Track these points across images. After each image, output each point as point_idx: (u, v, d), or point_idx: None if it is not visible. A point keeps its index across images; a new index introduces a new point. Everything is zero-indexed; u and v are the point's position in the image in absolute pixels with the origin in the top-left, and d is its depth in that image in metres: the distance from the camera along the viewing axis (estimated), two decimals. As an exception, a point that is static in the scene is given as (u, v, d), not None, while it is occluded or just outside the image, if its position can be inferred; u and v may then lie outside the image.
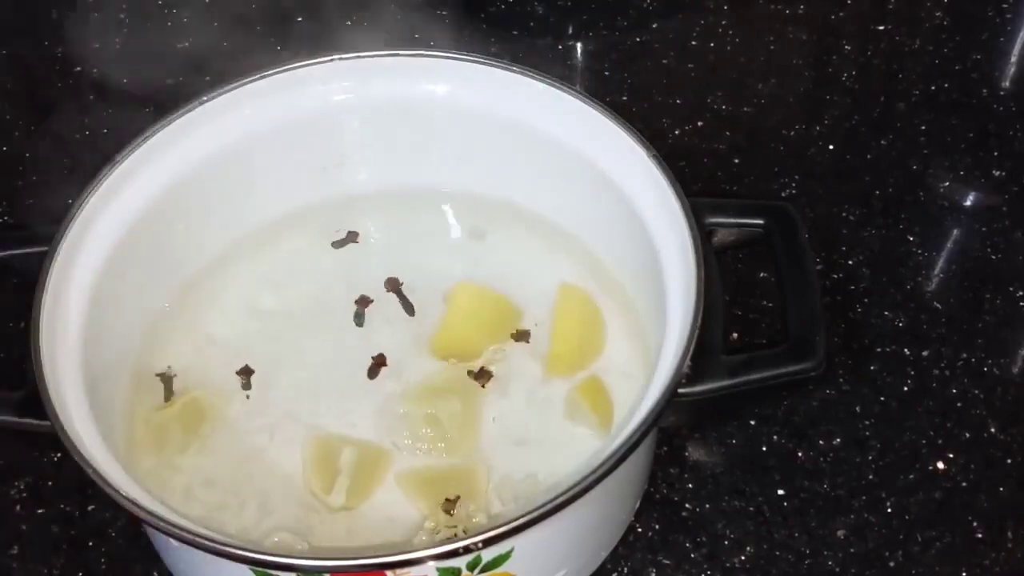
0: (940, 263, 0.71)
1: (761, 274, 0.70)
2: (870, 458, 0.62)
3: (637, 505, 0.59)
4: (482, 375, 0.59)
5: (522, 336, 0.61)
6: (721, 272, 0.54)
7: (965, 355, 0.66)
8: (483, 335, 0.61)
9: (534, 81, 0.59)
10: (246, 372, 0.60)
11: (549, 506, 0.44)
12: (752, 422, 0.63)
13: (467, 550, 0.44)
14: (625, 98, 0.81)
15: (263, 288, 0.64)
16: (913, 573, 0.58)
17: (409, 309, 0.62)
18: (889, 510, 0.60)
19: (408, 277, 0.64)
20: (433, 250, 0.65)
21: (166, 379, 0.60)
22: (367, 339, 0.62)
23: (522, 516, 0.44)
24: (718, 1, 0.87)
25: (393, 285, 0.63)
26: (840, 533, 0.59)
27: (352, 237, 0.66)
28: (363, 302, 0.63)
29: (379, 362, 0.60)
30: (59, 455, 0.62)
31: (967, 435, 0.63)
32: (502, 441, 0.58)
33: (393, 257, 0.65)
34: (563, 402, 0.59)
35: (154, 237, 0.59)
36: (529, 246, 0.65)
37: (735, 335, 0.67)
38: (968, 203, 0.75)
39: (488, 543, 0.44)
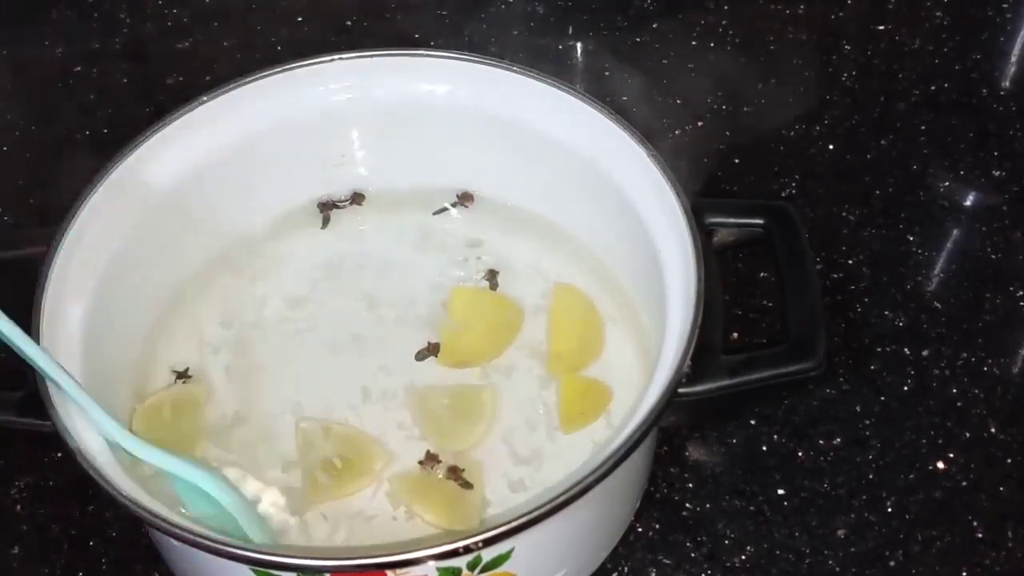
0: (940, 263, 0.71)
1: (761, 274, 0.70)
2: (870, 458, 0.62)
3: (637, 505, 0.59)
4: (454, 473, 0.56)
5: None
6: (721, 272, 0.54)
7: (965, 355, 0.66)
8: (487, 338, 0.61)
9: (534, 81, 0.59)
10: (245, 370, 0.60)
11: (549, 506, 0.44)
12: (752, 422, 0.63)
13: (467, 550, 0.44)
14: (625, 98, 0.81)
15: (264, 288, 0.64)
16: (913, 573, 0.58)
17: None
18: (889, 510, 0.60)
19: (408, 277, 0.64)
20: (433, 250, 0.65)
21: (184, 378, 0.60)
22: (369, 340, 0.62)
23: (522, 516, 0.44)
24: (718, 1, 0.87)
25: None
26: (840, 533, 0.59)
27: (357, 199, 0.66)
28: (364, 300, 0.63)
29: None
30: (59, 455, 0.62)
31: (967, 435, 0.63)
32: (500, 446, 0.58)
33: (393, 257, 0.65)
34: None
35: (154, 237, 0.59)
36: (529, 246, 0.65)
37: (735, 335, 0.67)
38: (968, 203, 0.75)
39: (488, 543, 0.44)
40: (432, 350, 0.60)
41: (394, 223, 0.66)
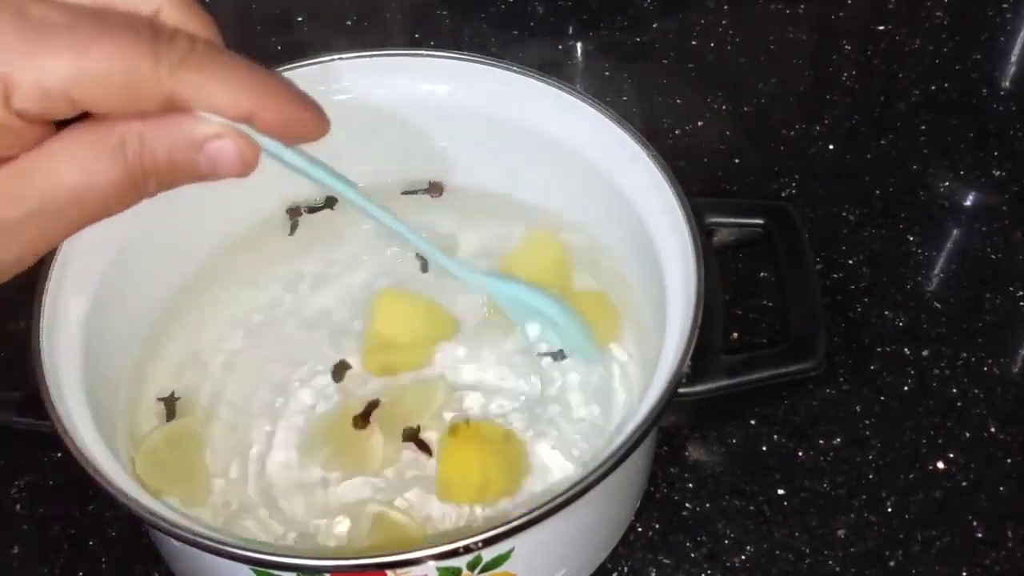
0: (940, 263, 0.71)
1: (761, 274, 0.70)
2: (870, 458, 0.62)
3: (637, 505, 0.59)
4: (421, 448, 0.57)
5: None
6: (721, 272, 0.54)
7: (965, 355, 0.66)
8: (411, 344, 0.60)
9: (534, 81, 0.59)
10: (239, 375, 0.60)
11: (549, 506, 0.44)
12: (752, 422, 0.63)
13: (467, 550, 0.44)
14: (625, 98, 0.81)
15: (262, 289, 0.64)
16: (913, 573, 0.58)
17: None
18: (889, 510, 0.60)
19: (406, 278, 0.64)
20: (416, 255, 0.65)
21: (169, 402, 0.58)
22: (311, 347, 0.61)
23: (522, 516, 0.44)
24: (718, 1, 0.87)
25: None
26: (840, 533, 0.59)
27: (330, 203, 0.65)
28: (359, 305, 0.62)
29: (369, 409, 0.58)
30: (59, 455, 0.62)
31: (967, 435, 0.63)
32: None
33: (393, 259, 0.65)
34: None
35: (154, 236, 0.59)
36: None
37: (735, 335, 0.67)
38: (968, 203, 0.75)
39: (488, 543, 0.44)
40: (341, 370, 0.59)
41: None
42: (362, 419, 0.57)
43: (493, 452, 0.55)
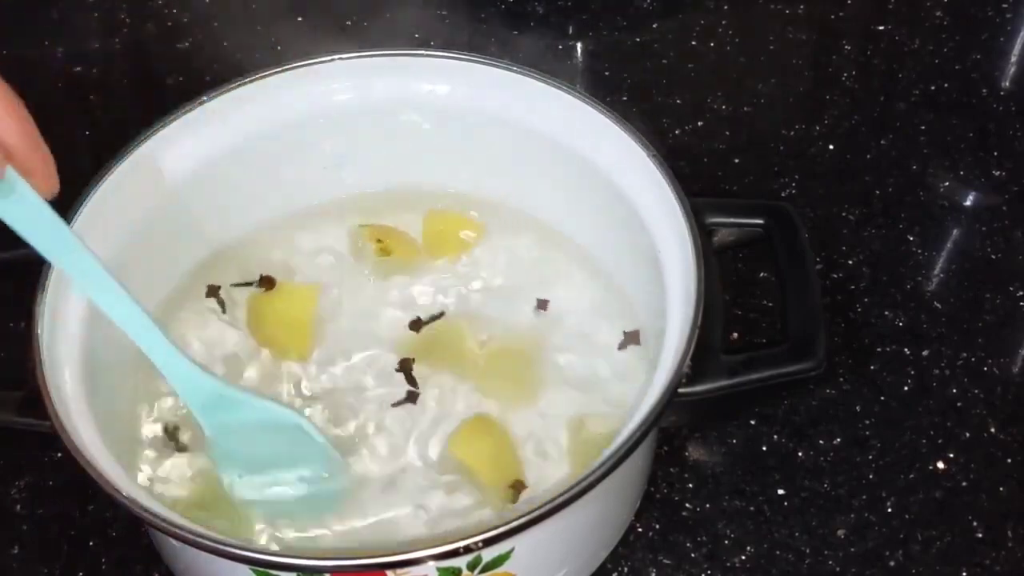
0: (940, 263, 0.71)
1: (761, 274, 0.70)
2: (870, 458, 0.62)
3: (637, 505, 0.59)
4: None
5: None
6: (721, 272, 0.54)
7: (965, 355, 0.66)
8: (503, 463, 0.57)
9: (534, 81, 0.59)
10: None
11: (549, 506, 0.44)
12: (752, 422, 0.63)
13: (467, 550, 0.44)
14: (625, 98, 0.81)
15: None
16: (913, 573, 0.58)
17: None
18: (889, 510, 0.60)
19: (407, 279, 0.64)
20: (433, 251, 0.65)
21: (171, 433, 0.58)
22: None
23: (522, 516, 0.44)
24: (718, 1, 0.87)
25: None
26: (840, 533, 0.59)
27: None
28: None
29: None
30: (59, 455, 0.62)
31: (967, 435, 0.63)
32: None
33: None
34: None
35: (154, 237, 0.59)
36: (527, 246, 0.65)
37: (735, 335, 0.67)
38: (968, 203, 0.75)
39: (488, 543, 0.44)
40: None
41: (393, 223, 0.66)
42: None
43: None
